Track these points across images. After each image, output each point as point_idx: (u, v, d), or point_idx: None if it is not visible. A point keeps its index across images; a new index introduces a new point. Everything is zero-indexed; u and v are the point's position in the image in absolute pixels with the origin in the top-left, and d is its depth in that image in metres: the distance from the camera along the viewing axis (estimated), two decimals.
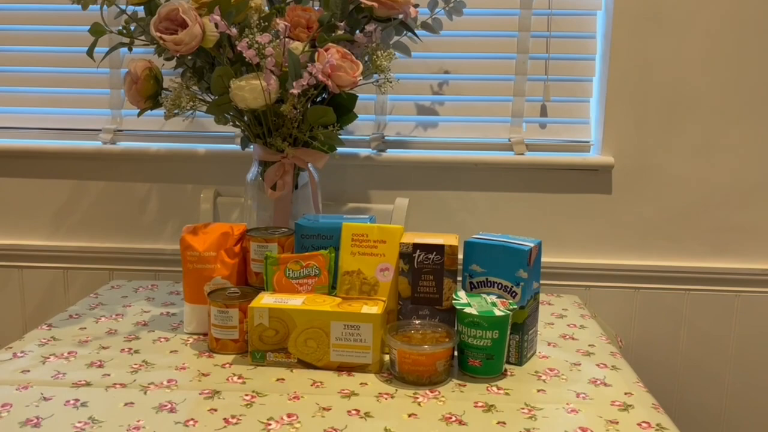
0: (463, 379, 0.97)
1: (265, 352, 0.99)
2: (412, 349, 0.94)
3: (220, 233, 1.12)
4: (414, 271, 1.03)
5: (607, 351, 1.09)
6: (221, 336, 1.03)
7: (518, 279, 1.00)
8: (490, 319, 0.95)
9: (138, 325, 1.16)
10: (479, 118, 1.54)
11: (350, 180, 1.53)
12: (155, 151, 1.55)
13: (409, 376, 0.95)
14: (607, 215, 1.51)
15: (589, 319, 1.23)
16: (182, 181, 1.56)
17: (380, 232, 1.06)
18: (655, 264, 1.51)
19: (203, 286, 1.10)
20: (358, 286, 1.05)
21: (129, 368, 0.98)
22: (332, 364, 0.98)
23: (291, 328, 0.98)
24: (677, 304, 1.51)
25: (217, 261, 1.10)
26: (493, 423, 0.84)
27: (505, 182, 1.52)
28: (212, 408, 0.87)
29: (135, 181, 1.57)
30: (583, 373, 1.00)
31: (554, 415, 0.87)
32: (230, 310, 1.03)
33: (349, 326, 0.97)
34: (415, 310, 1.03)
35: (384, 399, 0.90)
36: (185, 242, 1.11)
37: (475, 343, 0.96)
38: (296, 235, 1.11)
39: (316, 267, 1.06)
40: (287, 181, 1.19)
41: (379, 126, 1.55)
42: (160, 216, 1.58)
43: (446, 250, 1.02)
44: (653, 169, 1.49)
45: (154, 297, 1.31)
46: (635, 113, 1.47)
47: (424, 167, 1.52)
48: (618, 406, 0.89)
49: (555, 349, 1.09)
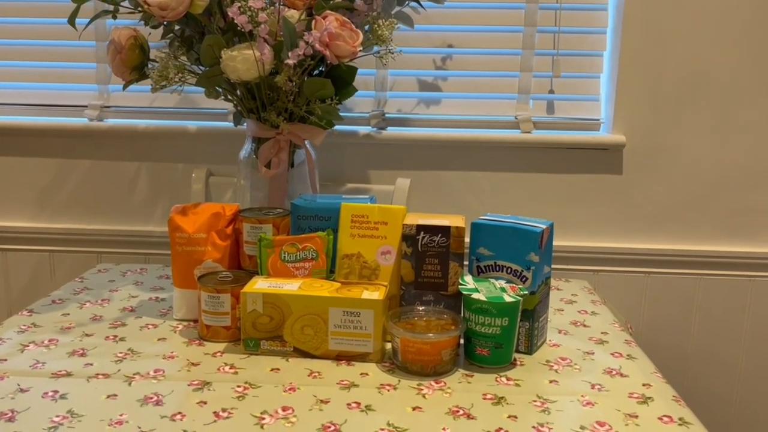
0: (470, 369, 0.91)
1: (258, 341, 0.93)
2: (416, 337, 0.88)
3: (211, 214, 1.05)
4: (418, 255, 0.96)
5: (621, 339, 1.03)
6: (212, 323, 0.97)
7: (529, 263, 0.94)
8: (500, 306, 0.89)
9: (125, 311, 1.09)
10: (484, 95, 1.47)
11: (349, 159, 1.47)
12: (144, 128, 1.48)
13: (412, 366, 0.89)
14: (617, 197, 1.45)
15: (601, 305, 1.17)
16: (172, 159, 1.49)
17: (381, 213, 1.00)
18: (666, 248, 1.45)
19: (193, 269, 1.03)
20: (358, 271, 0.99)
21: (113, 357, 0.92)
22: (330, 353, 0.92)
23: (286, 314, 0.92)
24: (689, 289, 1.46)
25: (208, 243, 1.04)
26: (503, 417, 0.79)
27: (511, 162, 1.45)
28: (201, 400, 0.80)
29: (123, 160, 1.50)
30: (597, 362, 0.94)
31: (569, 408, 0.81)
32: (222, 295, 0.96)
33: (349, 313, 0.91)
34: (418, 296, 0.97)
35: (386, 391, 0.84)
36: (174, 223, 1.04)
37: (483, 330, 0.90)
38: (292, 215, 1.04)
39: (313, 250, 1.00)
40: (282, 159, 1.12)
41: (380, 103, 1.48)
42: (149, 196, 1.51)
43: (452, 232, 0.95)
44: (666, 149, 1.42)
45: (142, 281, 1.24)
46: (648, 90, 1.41)
47: (426, 146, 1.45)
48: (636, 399, 0.83)
49: (566, 336, 1.03)
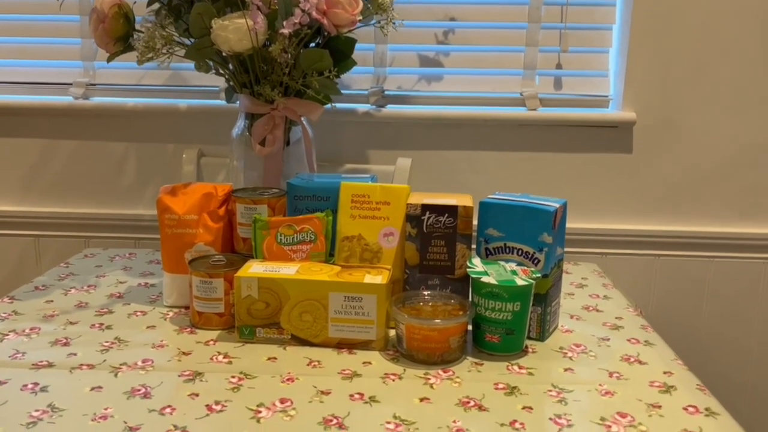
0: (479, 356, 0.86)
1: (254, 328, 0.87)
2: (422, 323, 0.82)
3: (203, 194, 0.99)
4: (423, 236, 0.91)
5: (637, 324, 0.98)
6: (204, 309, 0.91)
7: (541, 244, 0.88)
8: (511, 290, 0.83)
9: (112, 297, 1.04)
10: (488, 71, 1.41)
11: (347, 138, 1.40)
12: (132, 106, 1.41)
13: (418, 354, 0.83)
14: (626, 176, 1.39)
15: (613, 289, 1.12)
16: (162, 139, 1.43)
17: (384, 192, 0.94)
18: (677, 229, 1.40)
19: (184, 253, 0.97)
20: (359, 253, 0.93)
21: (99, 347, 0.86)
22: (331, 341, 0.86)
23: (284, 300, 0.86)
24: (700, 272, 1.41)
25: (199, 225, 0.98)
26: (517, 408, 0.73)
27: (516, 141, 1.39)
28: (193, 393, 0.75)
29: (110, 140, 1.44)
30: (614, 349, 0.89)
31: (586, 398, 0.76)
32: (214, 280, 0.91)
33: (350, 298, 0.85)
34: (423, 280, 0.92)
35: (391, 380, 0.79)
36: (163, 204, 0.98)
37: (493, 316, 0.85)
38: (289, 196, 0.98)
39: (311, 232, 0.94)
40: (277, 136, 1.06)
41: (379, 79, 1.41)
42: (138, 178, 1.45)
43: (460, 212, 0.90)
44: (677, 126, 1.37)
45: (131, 266, 1.18)
46: (659, 64, 1.34)
47: (427, 124, 1.39)
48: (658, 387, 0.78)
49: (579, 322, 0.98)
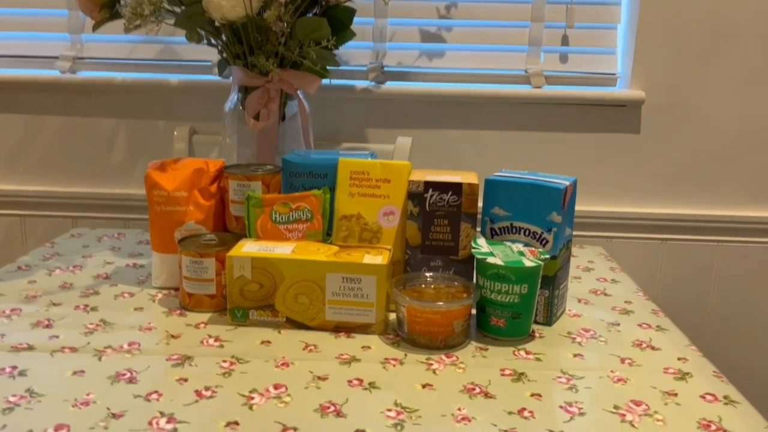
0: (484, 341, 0.81)
1: (247, 310, 0.83)
2: (425, 306, 0.78)
3: (193, 170, 0.94)
4: (425, 215, 0.86)
5: (648, 309, 0.94)
6: (195, 291, 0.87)
7: (550, 224, 0.84)
8: (519, 271, 0.79)
9: (98, 278, 0.99)
10: (492, 47, 1.36)
11: (345, 116, 1.35)
12: (121, 81, 1.35)
13: (420, 338, 0.79)
14: (633, 157, 1.35)
15: (621, 273, 1.08)
16: (153, 116, 1.38)
17: (384, 169, 0.89)
18: (684, 212, 1.36)
19: (173, 231, 0.93)
20: (358, 233, 0.89)
21: (83, 329, 0.82)
22: (328, 324, 0.82)
23: (278, 281, 0.82)
24: (708, 256, 1.37)
25: (190, 202, 0.93)
26: (525, 395, 0.69)
27: (520, 119, 1.34)
28: (181, 377, 0.70)
29: (99, 117, 1.38)
30: (624, 334, 0.85)
31: (598, 385, 0.72)
32: (205, 259, 0.86)
33: (349, 279, 0.81)
34: (425, 261, 0.87)
35: (391, 366, 0.75)
36: (151, 180, 0.93)
37: (499, 299, 0.80)
38: (284, 172, 0.93)
39: (307, 210, 0.89)
40: (272, 110, 1.01)
41: (378, 55, 1.36)
42: (128, 156, 1.39)
43: (465, 190, 0.85)
44: (688, 106, 1.32)
45: (119, 247, 1.14)
46: (670, 41, 1.30)
47: (428, 102, 1.34)
48: (673, 374, 0.74)
49: (587, 306, 0.94)
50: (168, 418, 0.63)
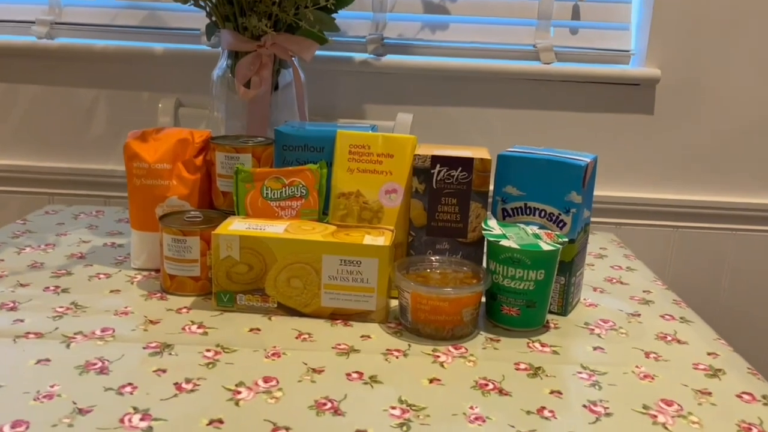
0: (495, 331, 0.74)
1: (234, 294, 0.75)
2: (432, 292, 0.70)
3: (177, 140, 0.86)
4: (432, 193, 0.78)
5: (669, 299, 0.87)
6: (177, 272, 0.79)
7: (569, 204, 0.77)
8: (535, 255, 0.72)
9: (72, 257, 0.91)
10: (499, 19, 1.28)
11: (342, 90, 1.27)
12: (102, 49, 1.26)
13: (425, 328, 0.72)
14: (646, 139, 1.28)
15: (635, 260, 1.01)
16: (136, 87, 1.29)
17: (386, 143, 0.81)
18: (698, 199, 1.29)
19: (154, 208, 0.85)
20: (357, 212, 0.81)
21: (51, 312, 0.73)
22: (324, 311, 0.75)
23: (269, 263, 0.74)
24: (721, 245, 1.30)
25: (173, 176, 0.85)
26: (544, 392, 0.62)
27: (528, 97, 1.27)
28: (159, 368, 0.63)
29: (78, 86, 1.29)
30: (646, 326, 0.78)
31: (623, 381, 0.65)
32: (189, 238, 0.78)
33: (347, 261, 0.73)
34: (431, 243, 0.80)
35: (394, 358, 0.67)
36: (130, 150, 0.85)
37: (512, 285, 0.73)
38: (276, 145, 0.85)
39: (302, 186, 0.81)
40: (264, 77, 0.92)
41: (378, 26, 1.28)
42: (109, 129, 1.31)
43: (476, 166, 0.78)
44: (706, 86, 1.25)
45: (97, 225, 1.05)
46: (688, 16, 1.22)
47: (431, 77, 1.26)
48: (704, 371, 0.67)
49: (603, 295, 0.87)
50: (142, 414, 0.55)
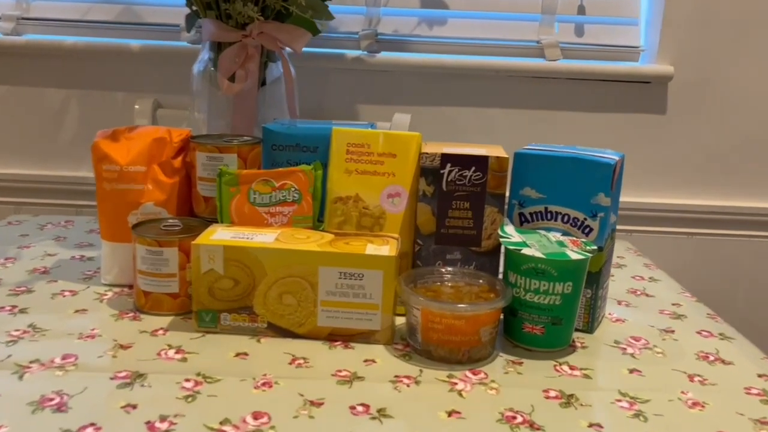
0: (515, 352, 0.65)
1: (218, 313, 0.66)
2: (445, 308, 0.61)
3: (153, 140, 0.77)
4: (442, 196, 0.70)
5: (702, 312, 0.78)
6: (153, 288, 0.69)
7: (596, 207, 0.68)
8: (563, 265, 0.63)
9: (34, 272, 0.81)
10: (500, 14, 1.20)
11: (333, 90, 1.18)
12: (72, 45, 1.17)
13: (438, 350, 0.63)
14: (658, 141, 1.20)
15: (657, 270, 0.93)
16: (110, 87, 1.19)
17: (388, 141, 0.73)
18: (714, 204, 1.22)
19: (127, 215, 0.75)
20: (356, 219, 0.72)
21: (5, 337, 0.63)
22: (321, 331, 0.65)
23: (258, 276, 0.64)
24: (738, 252, 1.23)
25: (148, 179, 0.75)
26: (582, 425, 0.53)
27: (532, 96, 1.19)
28: (129, 403, 0.53)
29: (46, 86, 1.19)
30: (683, 343, 0.69)
31: (671, 411, 0.56)
32: (166, 249, 0.68)
33: (348, 274, 0.64)
34: (440, 253, 0.71)
35: (404, 386, 0.58)
36: (99, 151, 0.76)
37: (536, 300, 0.64)
38: (264, 144, 0.76)
39: (294, 189, 0.72)
40: (251, 70, 0.83)
41: (371, 21, 1.20)
42: (81, 133, 1.21)
43: (491, 165, 0.69)
44: (721, 83, 1.18)
45: (65, 236, 0.95)
46: (702, 10, 1.15)
47: (428, 74, 1.18)
48: (758, 396, 0.59)
49: (629, 309, 0.78)
50: None
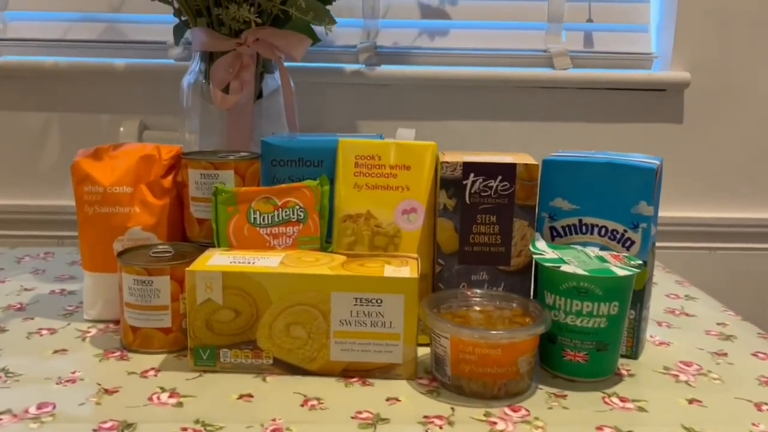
0: (555, 384, 0.58)
1: (217, 349, 0.58)
2: (477, 336, 0.54)
3: (139, 158, 0.69)
4: (465, 210, 0.63)
5: (752, 332, 0.71)
6: (142, 323, 0.61)
7: (637, 218, 0.61)
8: (609, 283, 0.56)
9: (9, 309, 0.72)
10: (504, 23, 1.15)
11: (332, 104, 1.12)
12: (52, 66, 1.10)
13: (471, 384, 0.55)
14: (675, 151, 1.15)
15: (691, 287, 0.86)
16: (94, 109, 1.12)
17: (401, 152, 0.66)
18: (736, 216, 1.16)
19: (112, 242, 0.67)
20: (368, 238, 0.65)
21: None
22: (335, 367, 0.57)
23: (262, 306, 0.57)
24: (763, 267, 1.16)
25: (135, 201, 0.68)
26: None
27: (541, 107, 1.13)
28: None
29: (26, 110, 1.12)
30: (740, 368, 0.62)
31: None
32: (156, 278, 0.61)
33: (364, 300, 0.56)
34: (465, 274, 0.63)
35: (437, 428, 0.50)
36: (80, 171, 0.68)
37: (579, 324, 0.57)
38: (264, 160, 0.69)
39: (298, 207, 0.65)
40: (246, 80, 0.76)
41: (370, 33, 1.13)
42: (63, 158, 1.13)
43: (519, 173, 0.62)
44: (740, 89, 1.12)
45: (44, 269, 0.87)
46: (719, 12, 1.10)
47: (431, 87, 1.12)
48: None
49: (672, 331, 0.71)
50: None
